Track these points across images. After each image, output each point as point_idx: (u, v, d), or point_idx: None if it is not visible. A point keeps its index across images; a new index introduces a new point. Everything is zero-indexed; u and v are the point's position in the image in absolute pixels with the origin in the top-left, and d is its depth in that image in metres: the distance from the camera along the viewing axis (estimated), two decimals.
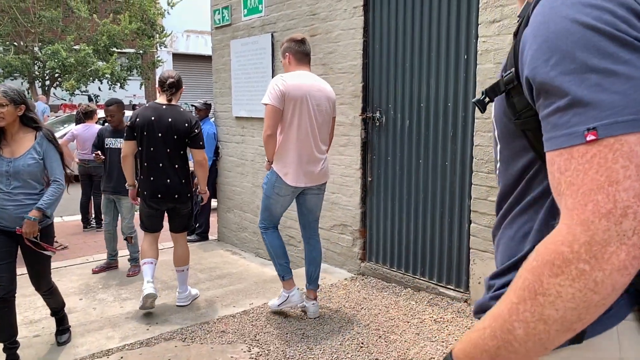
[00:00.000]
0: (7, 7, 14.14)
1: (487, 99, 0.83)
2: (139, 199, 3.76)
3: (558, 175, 0.66)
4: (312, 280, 3.48)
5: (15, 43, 14.80)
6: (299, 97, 3.07)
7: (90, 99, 18.71)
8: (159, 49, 17.97)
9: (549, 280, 0.63)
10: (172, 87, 3.56)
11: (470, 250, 3.46)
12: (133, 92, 19.83)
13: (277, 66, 4.93)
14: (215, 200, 6.32)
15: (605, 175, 0.61)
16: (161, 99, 3.60)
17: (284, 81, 3.07)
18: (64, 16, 14.99)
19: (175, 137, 3.53)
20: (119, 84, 16.32)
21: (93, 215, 6.84)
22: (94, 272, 4.93)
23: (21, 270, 3.05)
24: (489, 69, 3.23)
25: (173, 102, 3.61)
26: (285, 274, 3.39)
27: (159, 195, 3.57)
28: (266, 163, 3.30)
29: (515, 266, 0.80)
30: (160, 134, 3.50)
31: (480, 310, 0.86)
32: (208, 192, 3.94)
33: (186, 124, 3.55)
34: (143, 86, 19.97)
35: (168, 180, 3.56)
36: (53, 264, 4.62)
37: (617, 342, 0.73)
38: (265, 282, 4.38)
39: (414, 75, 3.78)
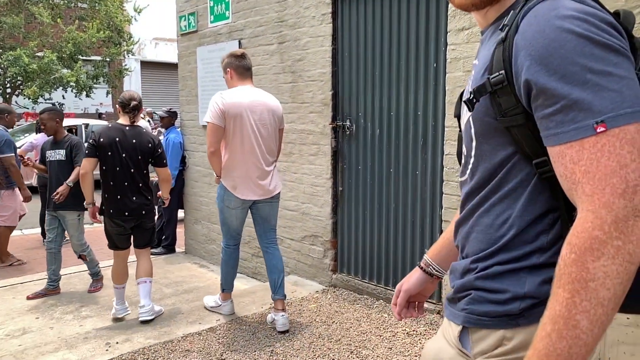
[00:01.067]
0: None
1: (474, 99, 0.89)
2: (99, 217, 3.78)
3: (571, 165, 0.75)
4: (277, 288, 3.46)
5: None
6: (239, 113, 3.16)
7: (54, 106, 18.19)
8: (126, 57, 17.59)
9: (593, 265, 0.70)
10: (135, 109, 3.66)
11: None
12: (100, 100, 19.37)
13: None
14: (182, 211, 6.14)
15: (616, 161, 0.71)
16: (123, 120, 3.68)
17: (223, 99, 3.16)
18: (26, 22, 14.50)
19: (140, 157, 3.64)
20: (84, 92, 15.86)
21: None
22: (29, 298, 4.39)
23: None
24: (458, 77, 3.19)
25: (135, 123, 3.70)
26: (227, 287, 3.65)
27: (126, 214, 3.65)
28: (215, 177, 3.38)
29: (500, 250, 0.88)
30: (124, 155, 3.59)
31: (464, 289, 0.93)
32: (169, 197, 4.06)
33: (149, 144, 3.67)
34: (110, 95, 19.52)
35: (134, 199, 3.65)
36: (10, 280, 4.40)
37: None
38: (233, 296, 4.23)
39: (383, 84, 3.73)
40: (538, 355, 0.74)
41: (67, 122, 12.17)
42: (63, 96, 16.63)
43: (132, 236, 3.80)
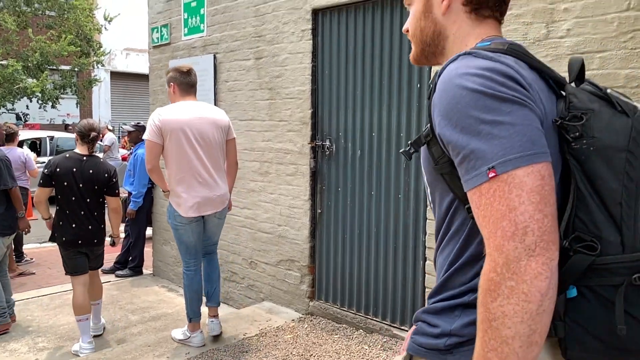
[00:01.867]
0: None
1: (412, 150, 0.97)
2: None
3: (476, 210, 0.81)
4: (211, 296, 3.58)
5: None
6: (177, 129, 3.16)
7: (18, 118, 17.52)
8: (96, 67, 17.12)
9: (492, 305, 0.76)
10: (95, 140, 3.70)
11: (426, 289, 3.26)
12: (67, 110, 18.77)
13: (220, 88, 4.62)
14: (151, 229, 5.85)
15: (505, 205, 0.77)
16: (81, 150, 3.68)
17: (160, 116, 3.17)
18: None
19: (96, 187, 3.67)
20: (50, 103, 15.31)
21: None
22: None
23: None
24: None
25: (93, 153, 3.74)
26: (193, 317, 3.47)
27: (80, 242, 3.65)
28: (163, 193, 3.41)
29: (443, 287, 0.96)
30: (81, 184, 3.61)
31: (416, 320, 1.02)
32: (120, 236, 4.15)
33: (106, 175, 3.70)
34: (79, 105, 18.95)
35: (90, 227, 3.67)
36: None
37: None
38: (204, 325, 3.99)
39: (365, 103, 3.60)
40: None
41: (31, 134, 11.67)
42: (27, 106, 16.04)
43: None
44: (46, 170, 3.60)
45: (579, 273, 0.80)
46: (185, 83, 3.34)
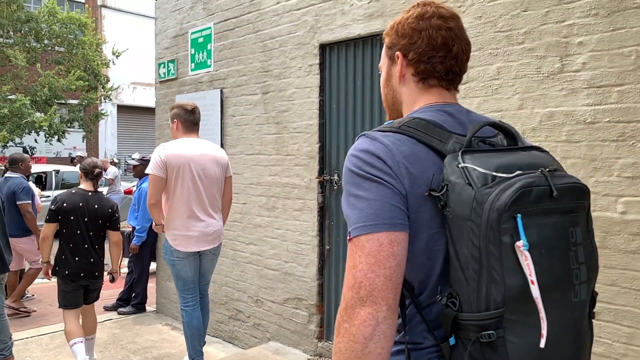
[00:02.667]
0: None
1: None
2: (50, 274, 3.86)
3: None
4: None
5: None
6: (180, 165, 3.23)
7: (25, 151, 17.61)
8: (103, 101, 17.32)
9: (335, 340, 0.95)
10: (99, 176, 3.89)
11: None
12: (73, 144, 18.89)
13: (227, 123, 4.59)
14: (155, 264, 5.73)
15: (351, 262, 0.95)
16: (86, 186, 3.85)
17: (165, 151, 3.26)
18: (0, 65, 14.19)
19: (100, 221, 3.81)
20: (56, 137, 15.42)
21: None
22: None
23: None
24: None
25: (97, 189, 3.91)
26: (195, 355, 3.43)
27: (82, 274, 3.73)
28: (157, 226, 3.44)
29: None
30: (86, 219, 3.75)
31: None
32: (121, 272, 4.23)
33: (110, 210, 3.86)
34: (86, 139, 19.09)
35: (92, 260, 3.77)
36: None
37: None
38: None
39: None
40: None
41: (37, 168, 11.69)
42: (35, 140, 16.14)
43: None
44: (53, 206, 3.73)
45: (449, 324, 0.92)
46: (189, 121, 3.42)
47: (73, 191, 3.88)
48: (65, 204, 3.72)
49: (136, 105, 21.12)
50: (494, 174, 0.91)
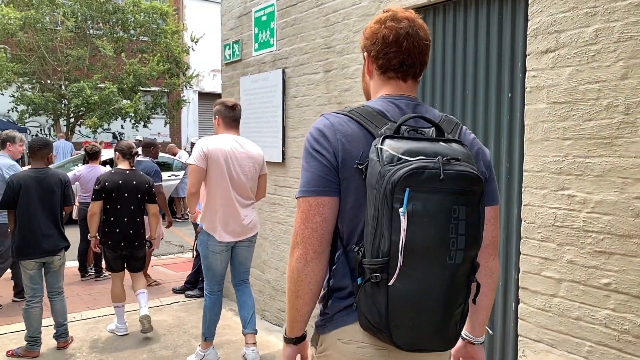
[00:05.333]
0: (35, 46, 14.27)
1: None
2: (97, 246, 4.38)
3: None
4: (248, 323, 3.70)
5: (41, 81, 14.88)
6: (220, 159, 3.40)
7: (115, 137, 18.70)
8: (184, 88, 17.91)
9: (287, 272, 1.32)
10: (135, 155, 4.39)
11: (519, 338, 2.72)
12: (157, 130, 19.80)
13: (289, 104, 4.38)
14: None
15: (296, 215, 1.29)
16: (124, 165, 4.31)
17: (207, 145, 3.42)
18: (91, 55, 15.06)
19: (139, 196, 4.26)
20: (142, 123, 16.19)
21: (92, 264, 6.32)
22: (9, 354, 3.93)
23: None
24: (541, 110, 2.57)
25: (133, 167, 4.37)
26: (209, 336, 3.70)
27: (122, 244, 4.23)
28: (191, 216, 3.70)
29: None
30: (126, 194, 4.20)
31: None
32: (158, 238, 4.76)
33: (146, 185, 4.31)
34: (168, 125, 19.92)
35: (131, 231, 4.24)
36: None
37: (361, 329, 1.24)
38: (273, 357, 3.70)
39: None
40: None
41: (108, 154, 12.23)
42: (122, 126, 17.06)
43: (125, 262, 4.38)
44: (97, 186, 4.19)
45: (357, 267, 1.21)
46: (230, 117, 3.58)
47: (112, 171, 4.29)
48: (107, 183, 4.16)
49: (216, 92, 21.62)
50: (399, 155, 1.14)
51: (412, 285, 1.12)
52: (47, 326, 4.40)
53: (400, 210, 1.09)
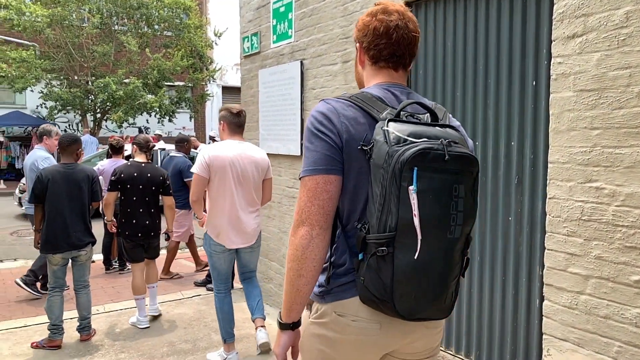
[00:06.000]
0: (62, 43, 14.54)
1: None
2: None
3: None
4: (256, 309, 3.78)
5: (69, 77, 15.16)
6: (222, 167, 3.45)
7: (140, 131, 18.97)
8: (208, 82, 18.02)
9: (287, 251, 1.34)
10: (151, 149, 4.59)
11: (543, 336, 2.61)
12: (182, 124, 20.00)
13: (306, 96, 4.31)
14: None
15: (299, 195, 1.33)
16: (140, 158, 4.48)
17: (209, 153, 3.48)
18: (116, 51, 15.26)
19: (153, 188, 4.40)
20: (167, 117, 16.37)
21: (116, 257, 6.40)
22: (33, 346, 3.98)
23: None
24: (567, 99, 2.44)
25: (149, 161, 4.55)
26: (227, 338, 3.69)
27: (139, 234, 4.38)
28: (199, 220, 3.77)
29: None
30: (141, 186, 4.34)
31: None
32: (174, 231, 4.84)
33: (161, 177, 4.44)
34: (193, 119, 20.10)
35: (147, 222, 4.40)
36: (65, 314, 4.19)
37: (357, 304, 1.32)
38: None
39: (467, 107, 3.05)
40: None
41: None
42: (147, 120, 17.26)
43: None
44: (113, 177, 4.34)
45: (360, 243, 1.27)
46: (234, 123, 3.63)
47: (129, 163, 4.43)
48: (122, 175, 4.31)
49: (239, 86, 21.73)
50: (405, 137, 1.21)
51: (414, 257, 1.20)
52: (71, 318, 4.48)
53: (411, 188, 1.16)
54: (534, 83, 2.68)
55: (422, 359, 1.43)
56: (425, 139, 1.21)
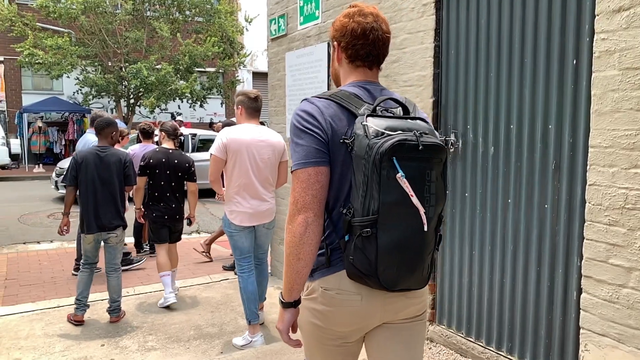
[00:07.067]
0: (96, 30, 14.76)
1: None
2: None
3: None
4: (260, 296, 3.94)
5: (102, 63, 15.42)
6: (239, 149, 3.53)
7: (173, 117, 19.22)
8: (239, 68, 18.03)
9: (285, 237, 1.46)
10: (179, 136, 4.76)
11: (581, 331, 2.47)
12: (213, 110, 20.14)
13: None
14: None
15: (293, 186, 1.46)
16: (168, 144, 4.65)
17: (227, 136, 3.55)
18: (148, 37, 15.40)
19: (180, 174, 4.59)
20: (198, 103, 16.49)
21: (147, 241, 6.49)
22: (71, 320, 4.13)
23: None
24: (611, 78, 2.27)
25: (177, 147, 4.72)
26: (252, 319, 3.69)
27: (166, 217, 4.58)
28: (219, 196, 3.87)
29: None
30: (168, 172, 4.53)
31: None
32: (195, 216, 4.80)
33: (187, 164, 4.63)
34: (224, 105, 20.21)
35: (173, 206, 4.60)
36: (91, 297, 4.34)
37: (339, 278, 1.47)
38: None
39: (501, 88, 2.89)
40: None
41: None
42: (179, 106, 17.44)
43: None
44: (142, 162, 4.50)
45: (346, 226, 1.42)
46: (252, 108, 3.68)
47: (157, 149, 4.59)
48: (151, 160, 4.48)
49: None
50: (383, 130, 1.37)
51: (397, 236, 1.36)
52: (102, 300, 4.56)
53: (399, 175, 1.33)
54: (575, 61, 2.51)
55: (407, 322, 1.57)
56: (400, 132, 1.37)
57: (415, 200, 1.33)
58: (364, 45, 1.53)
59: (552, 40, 2.60)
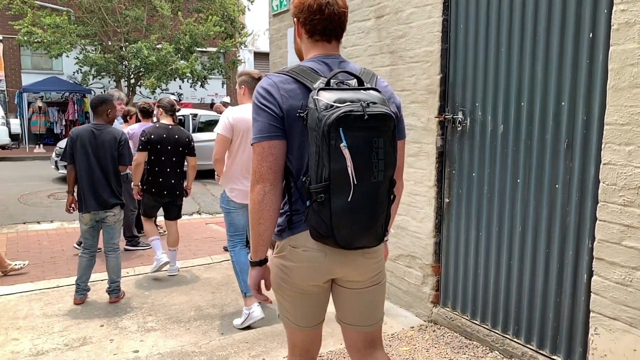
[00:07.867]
0: (95, 8, 14.53)
1: None
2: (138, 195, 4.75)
3: None
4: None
5: (102, 43, 15.21)
6: (244, 129, 3.51)
7: (179, 99, 19.03)
8: (240, 48, 17.80)
9: (248, 203, 1.63)
10: (176, 111, 4.75)
11: (591, 314, 2.40)
12: (215, 90, 19.95)
13: None
14: None
15: (253, 158, 1.60)
16: (167, 120, 4.66)
17: (233, 115, 3.55)
18: (148, 15, 15.17)
19: (180, 149, 4.63)
20: (199, 83, 16.31)
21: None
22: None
23: None
24: (630, 51, 2.16)
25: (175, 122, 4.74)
26: (247, 291, 3.66)
27: (165, 192, 4.65)
28: (218, 177, 3.82)
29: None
30: (169, 147, 4.56)
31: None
32: (192, 189, 4.94)
33: (187, 139, 4.69)
34: (225, 85, 20.02)
35: (172, 181, 4.66)
36: (91, 277, 4.32)
37: (305, 237, 1.61)
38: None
39: (512, 63, 2.77)
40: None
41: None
42: (180, 87, 17.27)
43: (164, 211, 4.79)
44: (143, 137, 4.51)
45: (307, 193, 1.54)
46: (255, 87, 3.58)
47: (157, 125, 4.61)
48: (152, 136, 4.49)
49: None
50: (331, 103, 1.48)
51: (346, 200, 1.48)
52: (101, 280, 4.51)
53: (342, 145, 1.44)
54: (591, 35, 2.39)
55: (368, 286, 1.71)
56: (348, 103, 1.46)
57: (350, 169, 1.45)
58: (320, 20, 1.63)
59: (567, 13, 2.48)
